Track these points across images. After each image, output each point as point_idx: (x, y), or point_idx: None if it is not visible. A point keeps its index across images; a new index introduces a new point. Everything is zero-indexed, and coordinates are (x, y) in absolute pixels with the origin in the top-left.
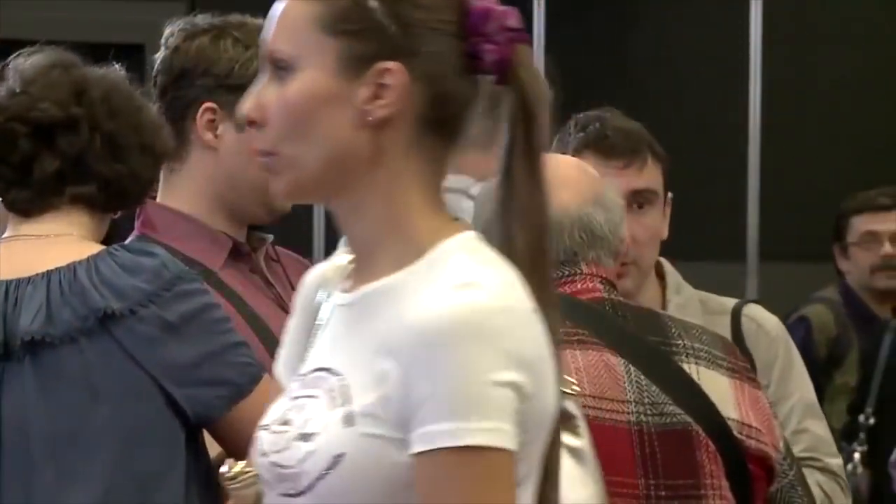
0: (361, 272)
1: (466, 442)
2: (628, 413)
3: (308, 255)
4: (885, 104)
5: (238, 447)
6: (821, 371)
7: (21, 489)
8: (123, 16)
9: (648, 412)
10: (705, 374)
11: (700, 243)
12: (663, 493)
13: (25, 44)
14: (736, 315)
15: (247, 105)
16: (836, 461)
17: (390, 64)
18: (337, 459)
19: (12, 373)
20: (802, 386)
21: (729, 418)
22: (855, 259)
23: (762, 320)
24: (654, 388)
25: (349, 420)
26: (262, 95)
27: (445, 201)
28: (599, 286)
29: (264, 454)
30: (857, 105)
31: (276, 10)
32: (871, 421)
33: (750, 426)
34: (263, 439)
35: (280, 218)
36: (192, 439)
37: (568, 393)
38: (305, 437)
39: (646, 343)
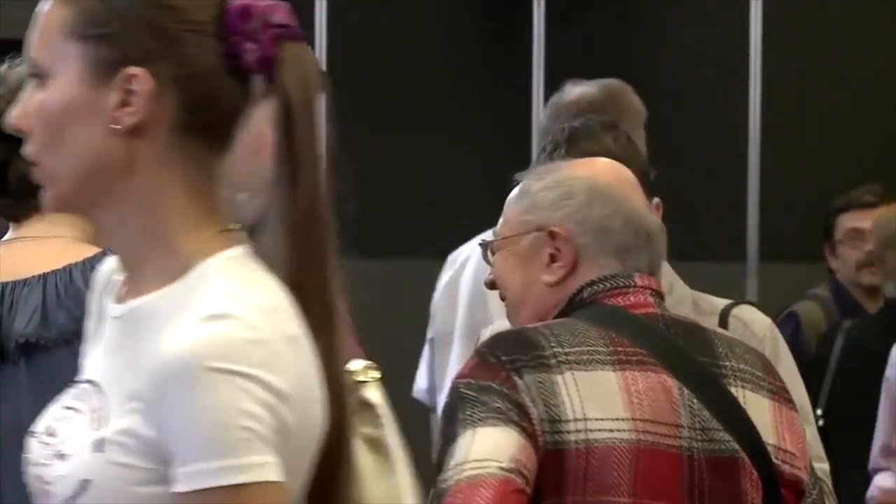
0: (131, 282)
1: (230, 481)
2: (681, 438)
3: None
4: (885, 104)
5: None
6: (810, 366)
7: (20, 490)
8: None
9: (699, 438)
10: (750, 397)
11: (700, 243)
12: None
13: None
14: (724, 316)
15: (13, 113)
16: (819, 465)
17: (135, 69)
18: (84, 485)
19: (8, 375)
20: (792, 388)
21: (768, 443)
22: (842, 256)
23: (750, 321)
24: (704, 412)
25: (99, 446)
26: (26, 103)
27: (222, 209)
28: (651, 299)
29: (32, 464)
30: (857, 105)
31: (38, 15)
32: (821, 423)
33: (786, 451)
34: (32, 447)
35: None
36: None
37: (366, 381)
38: (62, 456)
39: (698, 365)
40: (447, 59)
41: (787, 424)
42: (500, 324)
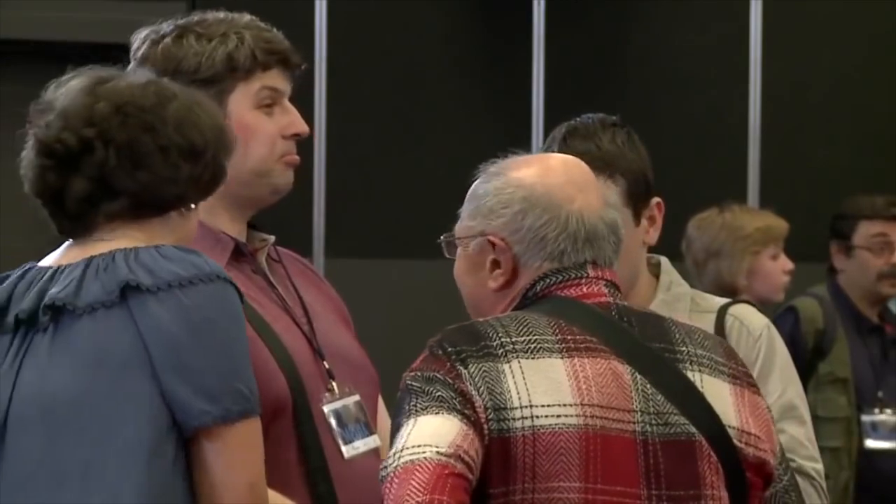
0: None
1: None
2: (634, 423)
3: (308, 256)
4: (885, 104)
5: (206, 472)
6: (807, 361)
7: (29, 453)
8: (123, 16)
9: (653, 422)
10: (708, 381)
11: None
12: None
13: (25, 44)
14: (721, 314)
15: None
16: (812, 465)
17: None
18: None
19: (36, 342)
20: (785, 387)
21: (729, 426)
22: (862, 262)
23: (746, 319)
24: (659, 396)
25: None
26: None
27: None
28: (604, 289)
29: None
30: (857, 105)
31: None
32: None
33: (749, 433)
34: None
35: (279, 218)
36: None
37: None
38: None
39: (651, 351)
40: (447, 60)
41: (751, 408)
42: None
